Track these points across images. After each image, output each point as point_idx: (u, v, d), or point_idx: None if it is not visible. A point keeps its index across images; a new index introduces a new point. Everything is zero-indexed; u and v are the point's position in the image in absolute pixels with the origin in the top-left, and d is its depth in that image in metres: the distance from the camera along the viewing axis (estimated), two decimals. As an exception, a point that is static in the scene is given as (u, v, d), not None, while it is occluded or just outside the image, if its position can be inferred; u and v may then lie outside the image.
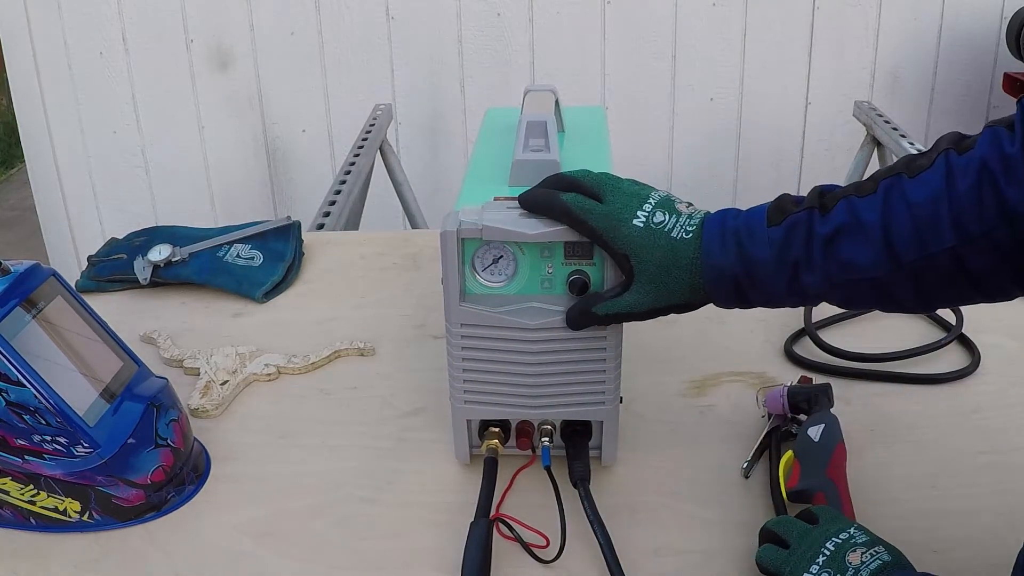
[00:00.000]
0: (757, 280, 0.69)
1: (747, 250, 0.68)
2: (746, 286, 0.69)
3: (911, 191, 0.64)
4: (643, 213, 0.70)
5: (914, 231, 0.64)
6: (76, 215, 2.65)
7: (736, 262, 0.68)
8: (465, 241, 0.73)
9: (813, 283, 0.67)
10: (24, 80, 2.51)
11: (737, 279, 0.69)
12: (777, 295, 0.70)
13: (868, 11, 2.40)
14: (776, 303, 0.71)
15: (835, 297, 0.69)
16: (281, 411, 0.94)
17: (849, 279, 0.66)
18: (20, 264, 0.78)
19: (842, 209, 0.66)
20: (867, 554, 0.62)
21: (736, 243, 0.69)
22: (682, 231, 0.70)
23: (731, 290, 0.70)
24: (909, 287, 0.66)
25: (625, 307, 0.71)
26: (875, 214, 0.65)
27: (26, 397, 0.72)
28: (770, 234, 0.68)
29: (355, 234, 1.59)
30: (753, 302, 0.71)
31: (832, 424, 0.80)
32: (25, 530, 0.78)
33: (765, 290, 0.69)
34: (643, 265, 0.70)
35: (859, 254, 0.65)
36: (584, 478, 0.77)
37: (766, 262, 0.68)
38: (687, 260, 0.69)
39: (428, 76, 2.46)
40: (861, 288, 0.67)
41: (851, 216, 0.66)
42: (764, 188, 2.52)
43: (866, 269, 0.65)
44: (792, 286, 0.68)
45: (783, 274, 0.68)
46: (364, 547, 0.76)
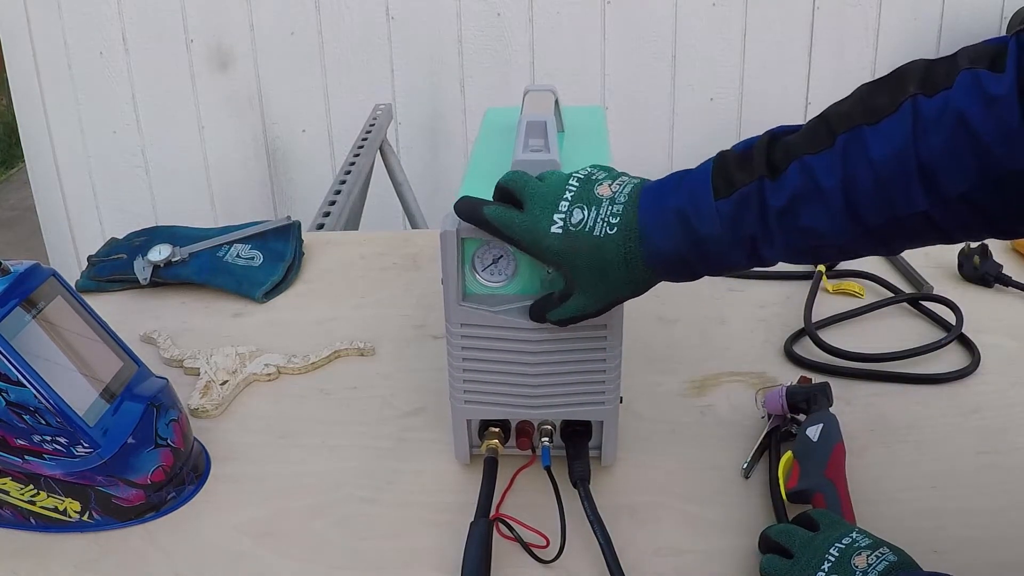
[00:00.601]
0: (710, 257, 0.64)
1: (695, 230, 0.63)
2: (696, 263, 0.65)
3: (873, 145, 0.57)
4: (559, 217, 0.66)
5: (879, 193, 0.58)
6: (76, 215, 2.65)
7: (683, 243, 0.64)
8: (465, 241, 0.73)
9: (773, 255, 0.64)
10: (24, 80, 2.51)
11: (685, 259, 0.65)
12: (735, 266, 0.65)
13: (868, 11, 2.40)
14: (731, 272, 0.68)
15: (796, 260, 0.65)
16: (281, 411, 0.94)
17: (811, 245, 0.62)
18: (20, 264, 0.78)
19: (795, 173, 0.60)
20: (872, 556, 0.62)
21: (681, 223, 0.63)
22: (605, 226, 0.65)
23: (680, 270, 0.66)
24: (875, 246, 0.62)
25: (574, 311, 0.70)
26: (834, 177, 0.59)
27: (26, 397, 0.72)
28: (719, 207, 0.62)
29: (355, 234, 1.59)
30: (710, 274, 0.67)
31: (830, 424, 0.80)
32: (25, 530, 0.78)
33: (719, 265, 0.65)
34: (575, 272, 0.67)
35: (820, 222, 0.60)
36: (584, 478, 0.77)
37: (718, 240, 0.63)
38: (617, 257, 0.65)
39: (428, 76, 2.46)
40: (825, 252, 0.63)
41: (807, 180, 0.60)
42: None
43: (829, 236, 0.61)
44: (752, 259, 0.64)
45: (740, 249, 0.64)
46: (364, 547, 0.76)
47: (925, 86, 0.57)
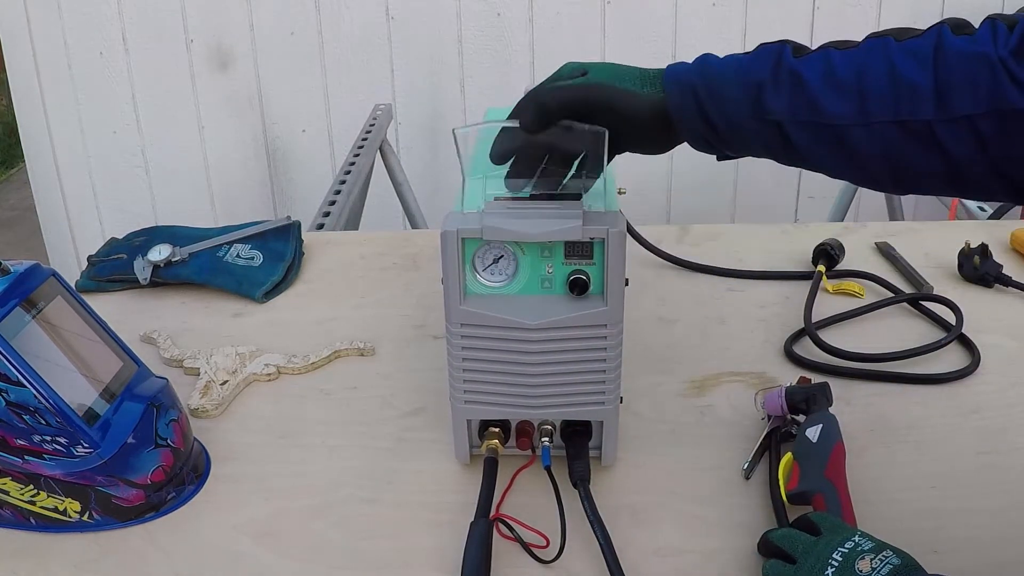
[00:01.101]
0: (718, 92, 0.67)
1: (709, 64, 0.68)
2: (706, 100, 0.68)
3: (895, 55, 0.61)
4: None
5: (891, 92, 0.61)
6: (76, 215, 2.65)
7: (696, 73, 0.68)
8: (465, 241, 0.73)
9: (777, 108, 0.65)
10: (24, 80, 2.51)
11: (696, 91, 0.68)
12: (740, 117, 0.67)
13: (868, 11, 2.40)
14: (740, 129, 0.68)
15: (799, 136, 0.66)
16: (281, 411, 0.94)
17: (814, 120, 0.64)
18: (20, 264, 0.78)
19: (818, 57, 0.64)
20: (876, 560, 0.62)
21: (701, 60, 0.69)
22: None
23: (691, 105, 0.68)
24: (876, 147, 0.63)
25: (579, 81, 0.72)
26: (851, 70, 0.62)
27: (26, 397, 0.72)
28: (736, 56, 0.68)
29: (355, 234, 1.59)
30: (716, 124, 0.69)
31: (830, 424, 0.80)
32: (25, 530, 0.78)
33: (727, 107, 0.67)
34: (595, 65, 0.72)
35: (829, 100, 0.63)
36: (584, 478, 0.77)
37: (728, 76, 0.67)
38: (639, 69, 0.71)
39: (428, 76, 2.45)
40: (824, 134, 0.64)
41: (826, 66, 0.63)
42: (764, 188, 2.51)
43: (833, 116, 0.63)
44: (755, 108, 0.66)
45: (746, 91, 0.66)
46: (364, 547, 0.76)
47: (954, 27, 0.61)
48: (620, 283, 0.74)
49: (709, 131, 0.70)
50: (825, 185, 2.47)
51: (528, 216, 0.73)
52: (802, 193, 2.54)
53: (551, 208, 0.74)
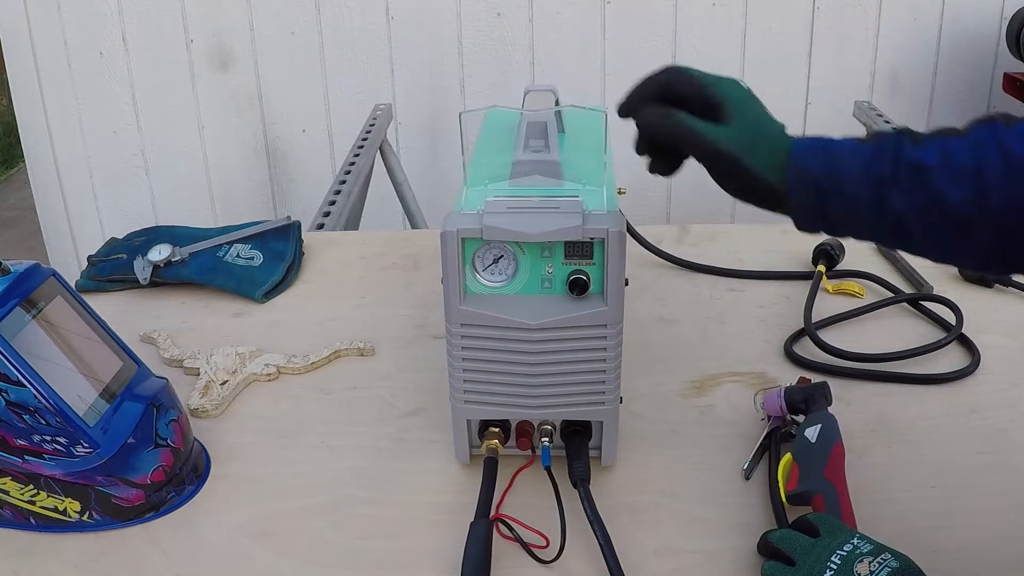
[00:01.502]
0: (841, 191, 0.67)
1: (834, 155, 0.68)
2: (828, 194, 0.68)
3: (1008, 139, 0.63)
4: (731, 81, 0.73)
5: (1007, 178, 0.62)
6: (76, 215, 2.65)
7: (821, 164, 0.68)
8: (465, 241, 0.73)
9: (898, 203, 0.66)
10: (24, 80, 2.51)
11: (819, 183, 0.68)
12: (860, 210, 0.68)
13: (868, 11, 2.39)
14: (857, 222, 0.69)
15: (916, 227, 0.67)
16: (281, 411, 0.94)
17: (934, 211, 0.65)
18: (20, 264, 0.78)
19: (935, 146, 0.65)
20: (875, 563, 0.62)
21: (824, 149, 0.68)
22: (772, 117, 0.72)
23: (812, 196, 0.68)
24: (993, 235, 0.64)
25: (710, 132, 0.70)
26: (968, 156, 0.63)
27: (26, 397, 0.72)
28: (859, 147, 0.68)
29: (355, 234, 1.59)
30: (832, 215, 0.69)
31: (829, 424, 0.80)
32: (25, 530, 0.78)
33: (847, 203, 0.68)
34: (739, 109, 0.70)
35: (949, 190, 0.64)
36: (584, 478, 0.77)
37: (850, 171, 0.67)
38: (776, 132, 0.70)
39: (428, 76, 2.45)
40: (943, 225, 0.65)
41: (943, 154, 0.64)
42: (764, 188, 2.51)
43: (953, 205, 0.64)
44: (875, 202, 0.66)
45: (867, 186, 0.67)
46: (364, 547, 0.76)
47: None
48: (620, 283, 0.74)
49: (822, 220, 0.70)
50: (825, 185, 2.47)
51: (528, 216, 0.73)
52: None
53: (551, 208, 0.74)
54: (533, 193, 0.76)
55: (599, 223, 0.72)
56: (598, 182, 0.78)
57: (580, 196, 0.75)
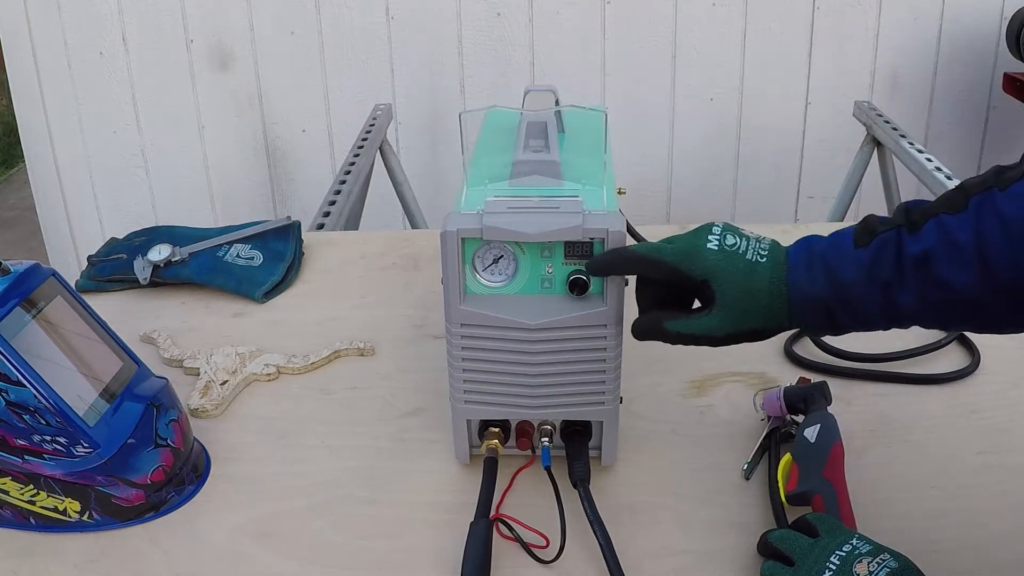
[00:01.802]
0: (849, 303, 0.67)
1: (836, 273, 0.67)
2: (837, 310, 0.68)
3: (1003, 205, 0.62)
4: (714, 237, 0.70)
5: (1009, 249, 0.61)
6: (76, 215, 2.65)
7: (825, 287, 0.67)
8: (465, 241, 0.73)
9: (907, 303, 0.65)
10: (24, 80, 2.51)
11: (827, 304, 0.67)
12: (870, 317, 0.68)
13: (868, 11, 2.39)
14: (869, 326, 0.69)
15: (929, 318, 0.67)
16: (281, 411, 0.94)
17: (944, 299, 0.64)
18: (20, 264, 0.78)
19: (933, 228, 0.64)
20: (873, 563, 0.62)
21: (824, 267, 0.67)
22: (756, 254, 0.69)
23: (821, 317, 0.68)
24: (1005, 305, 0.63)
25: (702, 329, 0.70)
26: (968, 233, 0.62)
27: (26, 397, 0.72)
28: (858, 255, 0.66)
29: (355, 234, 1.59)
30: (844, 327, 0.69)
31: (828, 423, 0.80)
32: (25, 530, 0.78)
33: (857, 314, 0.67)
34: (723, 287, 0.69)
35: (954, 274, 0.63)
36: (584, 478, 0.77)
37: (856, 283, 0.66)
38: (765, 283, 0.68)
39: (428, 76, 2.45)
40: (957, 308, 0.65)
41: (943, 235, 0.63)
42: (764, 188, 2.51)
43: (962, 290, 0.63)
44: (885, 307, 0.66)
45: (875, 295, 0.66)
46: (364, 547, 0.76)
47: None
48: (620, 283, 0.74)
49: (831, 330, 0.70)
50: (825, 185, 2.48)
51: (528, 216, 0.73)
52: (802, 193, 2.54)
53: (551, 208, 0.74)
54: (533, 193, 0.76)
55: (599, 223, 0.72)
56: (598, 182, 0.78)
57: (580, 196, 0.75)
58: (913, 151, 1.85)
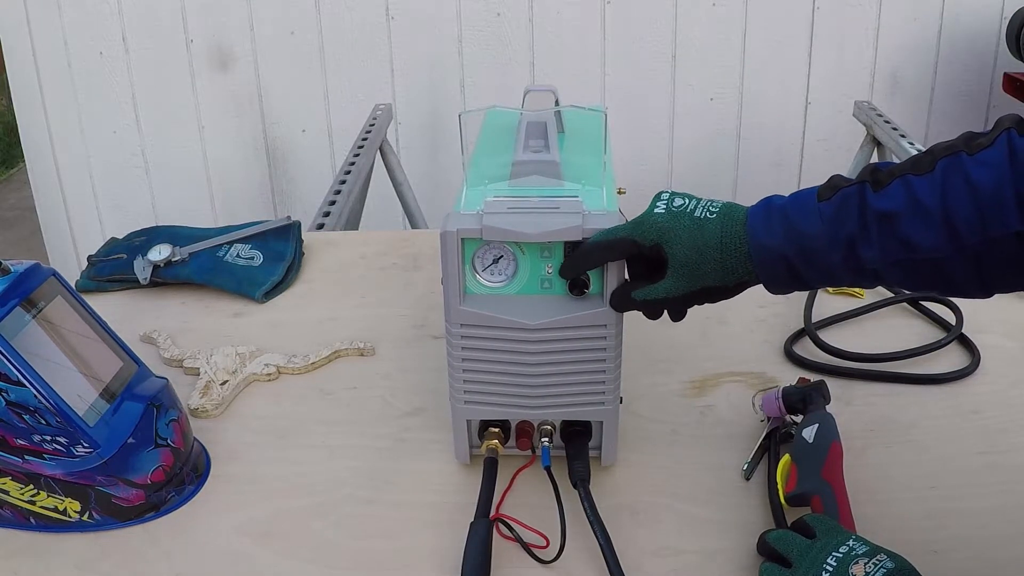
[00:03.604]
0: (810, 256, 0.67)
1: (796, 226, 0.67)
2: (798, 264, 0.68)
3: (972, 171, 0.61)
4: (662, 203, 0.72)
5: (976, 213, 0.61)
6: (76, 215, 2.65)
7: (784, 239, 0.67)
8: (465, 241, 0.73)
9: (871, 257, 0.65)
10: (24, 80, 2.51)
11: (787, 258, 0.68)
12: (833, 270, 0.67)
13: (868, 11, 2.40)
14: (833, 280, 0.69)
15: (893, 275, 0.67)
16: (281, 411, 0.94)
17: (908, 258, 0.64)
18: (20, 264, 0.78)
19: (898, 188, 0.64)
20: (870, 564, 0.62)
21: (783, 220, 0.67)
22: (705, 211, 0.70)
23: (782, 270, 0.69)
24: (970, 269, 0.63)
25: (661, 292, 0.71)
26: (935, 196, 0.62)
27: (26, 397, 0.72)
28: (821, 208, 0.66)
29: (355, 234, 1.59)
30: (808, 281, 0.69)
31: (826, 423, 0.80)
32: (25, 530, 0.78)
33: (819, 266, 0.67)
34: (673, 249, 0.70)
35: (918, 234, 0.63)
36: (584, 478, 0.77)
37: (817, 236, 0.66)
38: (715, 238, 0.69)
39: (428, 76, 2.45)
40: (920, 268, 0.65)
41: (909, 196, 0.63)
42: (764, 188, 2.50)
43: (926, 250, 0.63)
44: (848, 261, 0.66)
45: (837, 248, 0.66)
46: (364, 547, 0.76)
47: (1020, 126, 0.62)
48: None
49: (797, 284, 0.70)
50: (825, 185, 2.47)
51: (528, 216, 0.73)
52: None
53: (551, 208, 0.74)
54: (533, 193, 0.76)
55: (599, 223, 0.72)
56: (598, 182, 0.78)
57: (580, 196, 0.75)
58: (913, 151, 1.85)
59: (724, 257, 0.69)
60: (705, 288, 0.71)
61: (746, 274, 0.70)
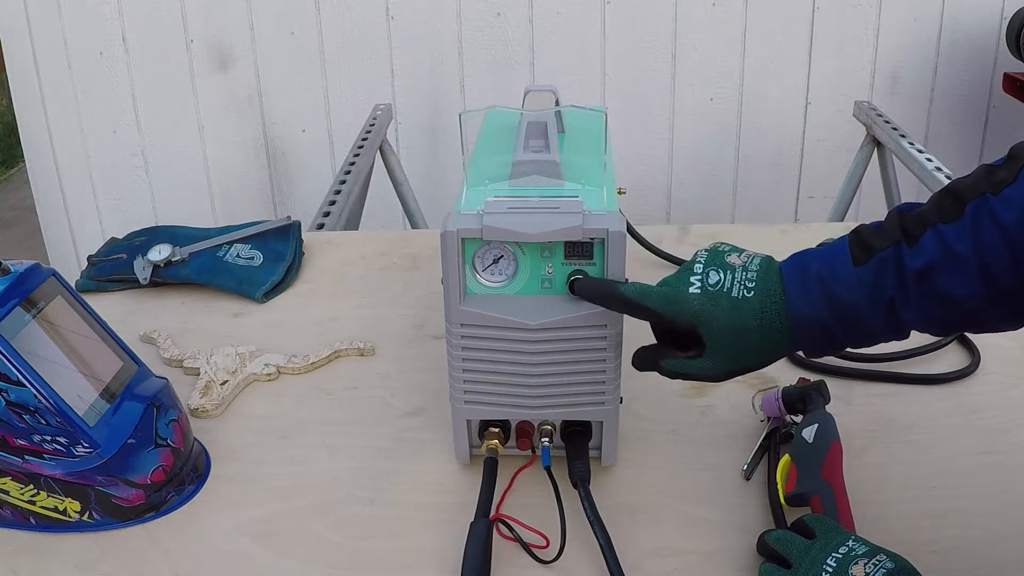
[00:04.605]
0: (851, 323, 0.66)
1: (836, 295, 0.65)
2: (838, 331, 0.67)
3: (1001, 211, 0.61)
4: (696, 279, 0.69)
5: (1009, 254, 0.61)
6: (76, 215, 2.65)
7: (825, 309, 0.66)
8: (465, 241, 0.73)
9: (911, 318, 0.65)
10: (24, 80, 2.51)
11: (826, 326, 0.66)
12: (873, 334, 0.67)
13: (868, 11, 2.39)
14: (870, 341, 0.68)
15: (930, 328, 0.67)
16: (281, 411, 0.94)
17: (947, 313, 0.64)
18: (20, 264, 0.78)
19: (931, 240, 0.63)
20: (870, 564, 0.62)
21: (822, 289, 0.66)
22: (742, 289, 0.68)
23: (821, 338, 0.67)
24: (1005, 309, 0.63)
25: (695, 370, 0.71)
26: (967, 244, 0.62)
27: (26, 397, 0.72)
28: (859, 274, 0.65)
29: (355, 234, 1.59)
30: (845, 344, 0.68)
31: (825, 423, 0.80)
32: (25, 530, 0.78)
33: (860, 331, 0.67)
34: (710, 332, 0.68)
35: (957, 287, 0.62)
36: (584, 478, 0.77)
37: (858, 305, 0.65)
38: (754, 321, 0.67)
39: (428, 76, 2.45)
40: (960, 317, 0.65)
41: (943, 248, 0.62)
42: (764, 188, 2.51)
43: (965, 299, 0.63)
44: (888, 324, 0.65)
45: (878, 313, 0.65)
46: (364, 547, 0.76)
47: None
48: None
49: (831, 348, 0.69)
50: (825, 185, 2.48)
51: (528, 216, 0.73)
52: (802, 193, 2.54)
53: (551, 208, 0.74)
54: (533, 193, 0.76)
55: (599, 223, 0.72)
56: (598, 182, 0.78)
57: (580, 196, 0.75)
58: (913, 151, 1.85)
59: (763, 338, 0.68)
60: (745, 367, 0.70)
61: (782, 348, 0.69)
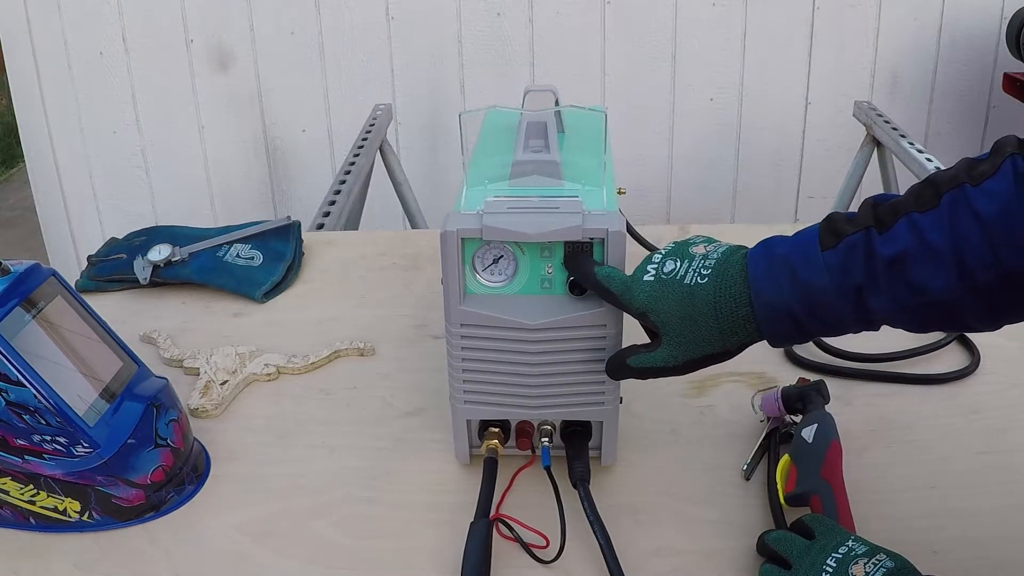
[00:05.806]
0: (818, 310, 0.64)
1: (802, 279, 0.63)
2: (804, 318, 0.64)
3: (978, 203, 0.58)
4: (652, 267, 0.69)
5: (988, 249, 0.58)
6: (76, 215, 2.65)
7: (791, 295, 0.64)
8: (465, 241, 0.73)
9: (880, 306, 0.62)
10: (24, 80, 2.51)
11: (793, 313, 0.64)
12: (841, 322, 0.65)
13: (868, 11, 2.39)
14: (840, 330, 0.66)
15: (902, 320, 0.64)
16: (281, 411, 0.94)
17: (919, 302, 0.61)
18: (20, 264, 0.78)
19: (904, 229, 0.61)
20: (870, 564, 0.62)
21: (789, 274, 0.64)
22: (695, 276, 0.67)
23: (788, 325, 0.65)
24: (981, 305, 0.61)
25: (657, 362, 0.70)
26: (942, 234, 0.59)
27: (26, 397, 0.72)
28: (825, 259, 0.63)
29: (355, 234, 1.59)
30: (812, 333, 0.66)
31: (825, 423, 0.80)
32: (25, 530, 0.78)
33: (827, 319, 0.64)
34: (661, 318, 0.68)
35: (930, 278, 0.60)
36: (584, 478, 0.77)
37: (825, 289, 0.63)
38: (707, 306, 0.66)
39: (428, 76, 2.45)
40: (931, 311, 0.62)
41: (916, 237, 0.60)
42: (764, 188, 2.51)
43: (938, 292, 0.60)
44: (858, 311, 0.63)
45: (846, 300, 0.63)
46: (364, 547, 0.76)
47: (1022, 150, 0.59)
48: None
49: (800, 337, 0.67)
50: (825, 185, 2.48)
51: (528, 216, 0.73)
52: (802, 193, 2.54)
53: (551, 208, 0.74)
54: (533, 193, 0.76)
55: (599, 223, 0.72)
56: (598, 182, 0.78)
57: (580, 196, 0.75)
58: (913, 151, 1.86)
59: (720, 324, 0.66)
60: (706, 355, 0.69)
61: (747, 335, 0.67)
